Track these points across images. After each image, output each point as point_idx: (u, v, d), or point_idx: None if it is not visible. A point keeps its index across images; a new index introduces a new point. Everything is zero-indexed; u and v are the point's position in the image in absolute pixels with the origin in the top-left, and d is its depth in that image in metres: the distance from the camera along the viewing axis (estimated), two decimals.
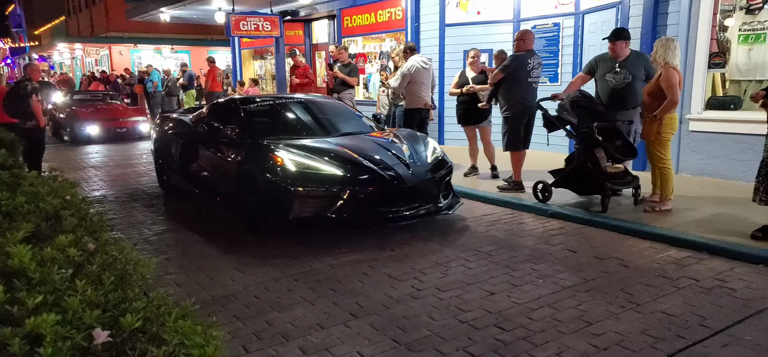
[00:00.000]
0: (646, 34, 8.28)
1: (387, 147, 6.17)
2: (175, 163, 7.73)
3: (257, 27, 15.68)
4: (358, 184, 5.57)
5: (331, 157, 5.71)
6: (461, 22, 11.65)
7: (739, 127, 7.56)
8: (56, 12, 49.10)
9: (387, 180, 5.65)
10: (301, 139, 6.27)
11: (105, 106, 16.52)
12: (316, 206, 5.50)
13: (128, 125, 15.65)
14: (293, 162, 5.54)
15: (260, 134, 6.36)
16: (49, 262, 1.81)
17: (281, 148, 5.74)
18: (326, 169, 5.56)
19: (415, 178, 5.83)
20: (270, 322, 3.86)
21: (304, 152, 5.74)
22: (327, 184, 5.50)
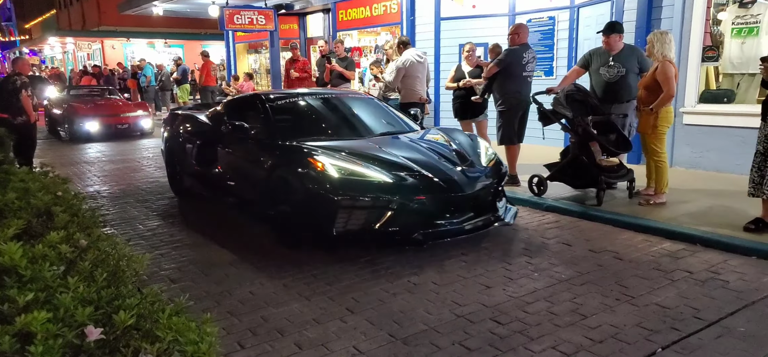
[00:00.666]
0: (641, 28, 8.29)
1: (436, 149, 5.60)
2: (190, 166, 7.05)
3: (251, 21, 15.61)
4: (409, 192, 4.92)
5: (378, 162, 5.09)
6: (456, 15, 11.63)
7: (732, 120, 7.59)
8: (47, 5, 48.79)
9: (443, 188, 5.01)
10: (337, 140, 5.73)
11: (104, 101, 15.73)
12: (363, 218, 4.85)
13: (129, 121, 14.82)
14: (336, 168, 4.89)
15: (292, 135, 5.76)
16: (40, 259, 1.79)
17: (321, 152, 5.10)
18: (373, 176, 4.90)
19: (473, 184, 5.21)
20: (265, 317, 3.85)
21: (347, 156, 5.12)
22: (375, 193, 4.84)
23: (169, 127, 7.85)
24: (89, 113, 14.27)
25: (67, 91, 16.56)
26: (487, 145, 6.02)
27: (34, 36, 49.64)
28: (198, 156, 6.88)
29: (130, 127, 14.75)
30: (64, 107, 14.67)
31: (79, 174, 9.61)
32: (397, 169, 5.04)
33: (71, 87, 18.19)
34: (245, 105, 6.79)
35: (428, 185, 4.99)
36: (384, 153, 5.33)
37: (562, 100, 6.55)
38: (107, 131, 14.24)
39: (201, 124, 7.08)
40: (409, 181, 4.97)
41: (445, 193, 5.01)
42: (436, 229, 4.96)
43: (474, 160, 5.55)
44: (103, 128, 14.18)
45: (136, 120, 14.86)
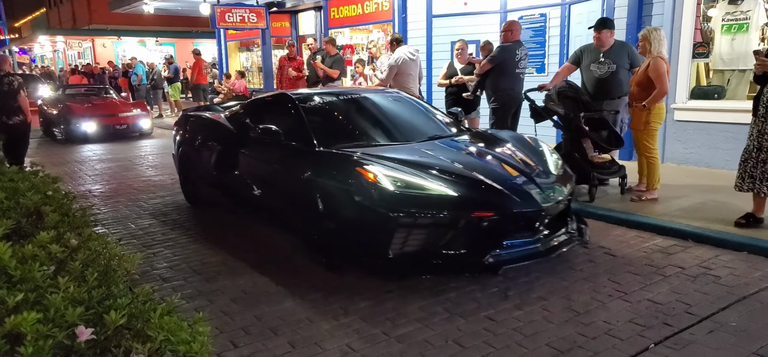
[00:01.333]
0: (632, 25, 8.31)
1: (498, 155, 4.95)
2: (208, 173, 6.39)
3: (243, 19, 15.55)
4: (477, 208, 4.19)
5: (436, 172, 4.40)
6: (448, 13, 11.63)
7: (722, 116, 7.63)
8: (37, 3, 48.45)
9: (515, 202, 4.28)
10: (381, 145, 5.09)
11: (101, 100, 15.08)
12: (424, 239, 4.16)
13: (128, 121, 14.22)
14: (391, 179, 4.20)
15: (330, 140, 5.04)
16: (30, 260, 1.77)
17: (372, 161, 4.43)
18: (435, 188, 4.20)
19: (548, 196, 4.47)
20: (258, 316, 3.83)
21: (400, 165, 4.44)
22: (437, 209, 4.14)
23: (181, 130, 7.15)
24: (86, 113, 13.70)
25: (62, 90, 15.95)
26: (551, 149, 5.41)
27: (24, 34, 49.27)
28: (217, 162, 6.23)
29: (129, 128, 14.22)
30: (59, 107, 14.13)
31: (77, 174, 9.55)
32: (460, 180, 4.34)
33: (66, 86, 17.45)
34: (272, 106, 6.15)
35: (498, 199, 4.26)
36: (440, 161, 4.64)
37: (554, 97, 6.56)
38: (105, 132, 13.73)
39: (220, 128, 6.38)
40: (476, 194, 4.28)
41: (518, 209, 4.27)
42: (509, 251, 4.23)
43: (543, 170, 4.86)
44: (101, 129, 13.66)
45: (135, 120, 14.32)
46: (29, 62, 40.91)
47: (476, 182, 4.35)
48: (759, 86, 5.11)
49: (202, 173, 6.57)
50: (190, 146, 6.83)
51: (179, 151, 7.15)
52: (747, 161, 5.15)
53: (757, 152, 5.07)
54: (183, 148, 7.04)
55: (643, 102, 6.00)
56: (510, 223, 4.30)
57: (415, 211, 4.10)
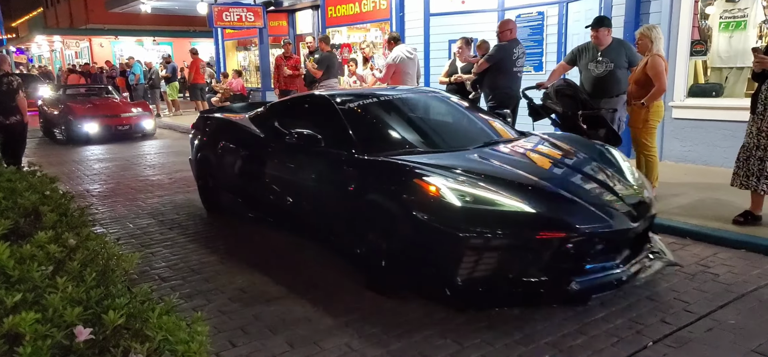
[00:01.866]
0: (629, 23, 8.32)
1: (574, 164, 4.46)
2: (232, 181, 5.98)
3: (240, 18, 15.55)
4: (560, 227, 3.61)
5: (506, 184, 3.84)
6: (446, 11, 11.63)
7: (720, 113, 7.64)
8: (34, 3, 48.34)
9: (602, 219, 3.72)
10: (434, 153, 4.50)
11: (103, 100, 14.67)
12: (498, 263, 3.61)
13: (131, 122, 13.85)
14: (457, 193, 3.67)
15: (377, 147, 4.52)
16: (28, 260, 1.77)
17: (431, 171, 3.91)
18: (509, 204, 3.64)
19: (636, 213, 3.91)
20: (257, 315, 3.83)
21: (464, 176, 3.92)
22: (513, 228, 3.60)
23: (200, 134, 6.67)
24: (87, 114, 13.34)
25: (62, 90, 15.50)
26: (624, 156, 4.88)
27: (21, 34, 49.15)
28: (243, 170, 5.80)
29: (132, 129, 13.86)
30: (60, 107, 13.77)
31: (75, 174, 9.54)
32: (536, 193, 3.81)
33: (67, 86, 16.96)
34: (305, 109, 5.65)
35: (583, 216, 3.70)
36: (507, 171, 4.12)
37: (552, 95, 6.56)
38: (107, 133, 13.37)
39: (245, 132, 5.87)
40: (557, 210, 3.72)
41: (606, 227, 3.70)
42: (596, 277, 3.67)
43: (620, 177, 4.35)
44: (103, 130, 13.29)
45: (138, 121, 13.95)
46: (26, 62, 40.82)
47: (555, 196, 3.82)
48: (757, 84, 5.12)
49: (224, 180, 6.12)
50: (211, 151, 6.33)
51: (198, 156, 6.64)
52: (745, 159, 5.16)
53: (755, 150, 5.07)
54: (202, 153, 6.54)
55: (641, 100, 6.01)
56: (597, 244, 3.70)
57: (486, 230, 3.56)
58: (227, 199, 6.21)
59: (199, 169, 6.67)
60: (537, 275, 3.60)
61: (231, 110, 7.27)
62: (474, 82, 7.79)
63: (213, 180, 6.37)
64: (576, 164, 4.46)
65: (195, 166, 6.80)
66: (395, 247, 3.90)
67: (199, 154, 6.63)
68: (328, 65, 10.56)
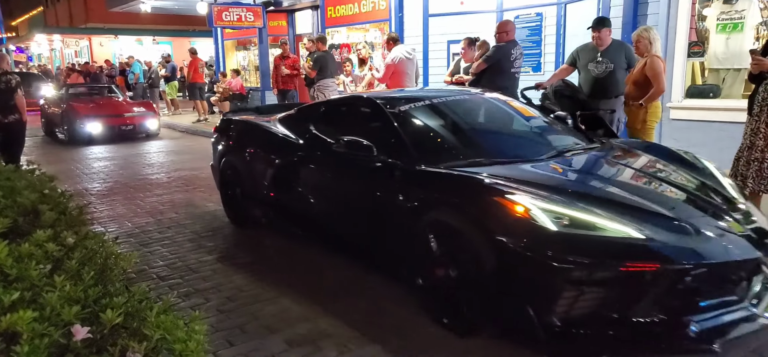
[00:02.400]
0: (627, 24, 8.33)
1: (673, 181, 3.80)
2: (264, 192, 5.36)
3: (240, 17, 15.55)
4: (676, 256, 2.95)
5: (603, 204, 3.25)
6: (445, 12, 11.64)
7: (718, 114, 7.66)
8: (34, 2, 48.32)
9: (727, 248, 3.09)
10: (506, 164, 3.89)
11: (105, 100, 14.45)
12: (602, 300, 2.98)
13: (134, 122, 13.57)
14: (550, 214, 3.08)
15: (437, 157, 3.99)
16: (26, 258, 1.78)
17: (513, 187, 3.32)
18: (614, 228, 3.03)
19: (757, 240, 3.22)
20: (255, 314, 3.84)
21: (557, 194, 3.32)
22: (619, 257, 2.95)
23: (224, 138, 6.12)
24: (90, 113, 13.04)
25: (65, 89, 15.08)
26: (717, 165, 4.29)
27: (21, 33, 49.12)
28: (279, 180, 5.24)
29: (135, 129, 13.56)
30: (62, 107, 13.48)
31: (78, 176, 9.55)
32: (642, 215, 3.17)
33: (69, 85, 16.55)
34: (348, 113, 5.12)
35: (702, 244, 3.06)
36: (598, 188, 3.60)
37: (551, 96, 6.57)
38: (110, 133, 13.07)
39: (279, 137, 5.31)
40: (670, 236, 3.04)
41: (728, 257, 3.05)
42: (718, 318, 2.94)
43: (725, 195, 3.70)
44: (106, 130, 13.00)
45: (141, 121, 13.66)
46: (26, 61, 40.82)
47: (665, 220, 3.17)
48: (754, 85, 5.13)
49: (255, 191, 5.49)
50: (238, 157, 5.78)
51: (222, 163, 6.04)
52: (736, 159, 5.19)
53: (749, 151, 5.09)
54: (228, 159, 5.94)
55: (640, 100, 6.02)
56: (719, 277, 3.06)
57: (588, 259, 2.93)
58: (258, 212, 5.60)
59: (224, 177, 6.04)
60: (650, 315, 2.91)
61: (253, 112, 6.86)
62: (472, 82, 7.79)
63: (241, 190, 5.73)
64: (673, 179, 3.82)
65: (219, 173, 6.18)
66: (469, 276, 3.31)
67: (223, 161, 6.01)
68: (322, 65, 10.54)
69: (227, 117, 6.50)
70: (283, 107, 6.66)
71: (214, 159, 6.30)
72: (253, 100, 17.57)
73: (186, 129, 15.14)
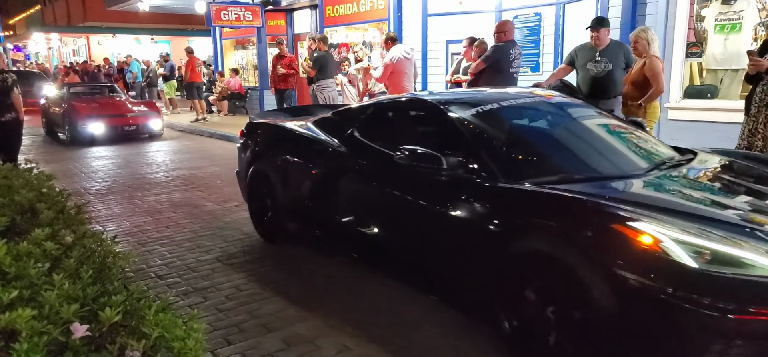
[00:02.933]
0: (626, 24, 8.35)
1: None
2: (301, 205, 4.76)
3: (238, 17, 15.56)
4: None
5: (737, 232, 2.70)
6: (443, 12, 11.65)
7: (715, 115, 7.68)
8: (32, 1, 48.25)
9: None
10: (600, 180, 3.39)
11: (108, 100, 14.14)
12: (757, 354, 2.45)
13: (138, 122, 13.23)
14: (689, 248, 2.55)
15: (523, 172, 3.48)
16: (25, 257, 1.78)
17: (640, 213, 2.74)
18: (764, 265, 2.50)
19: None
20: (252, 313, 3.85)
21: (689, 222, 2.72)
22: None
23: (252, 144, 5.50)
24: (92, 114, 12.71)
25: (66, 89, 14.57)
26: None
27: (19, 32, 49.04)
28: (319, 192, 4.60)
29: (139, 129, 13.21)
30: (63, 107, 13.14)
31: (77, 175, 9.53)
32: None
33: (71, 85, 16.24)
34: (401, 117, 4.51)
35: None
36: (727, 211, 2.96)
37: None
38: (112, 133, 12.74)
39: (318, 144, 4.68)
40: None
41: None
42: None
43: None
44: (108, 130, 12.66)
45: (145, 121, 13.33)
46: (24, 59, 40.78)
47: None
48: (751, 86, 5.15)
49: (291, 204, 4.89)
50: (269, 166, 5.14)
51: (250, 172, 5.37)
52: None
53: (747, 151, 5.11)
54: (257, 167, 5.29)
55: (638, 100, 6.02)
56: None
57: (739, 305, 2.39)
58: (297, 228, 4.96)
59: (253, 187, 5.38)
60: None
61: (281, 114, 6.43)
62: (469, 83, 7.80)
63: (273, 202, 5.10)
64: None
65: (246, 183, 5.48)
66: (576, 319, 2.77)
67: (252, 169, 5.34)
68: (323, 65, 10.54)
69: (255, 120, 5.81)
70: (316, 109, 6.36)
71: (241, 166, 5.66)
72: (252, 99, 17.58)
73: (184, 128, 15.13)
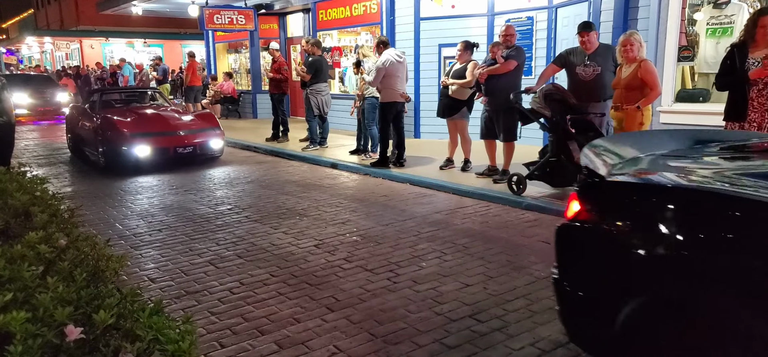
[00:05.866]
0: (618, 28, 8.39)
1: None
2: None
3: (231, 20, 15.57)
4: None
5: None
6: (436, 15, 11.69)
7: (707, 119, 7.70)
8: (24, 4, 48.08)
9: None
10: None
11: (153, 111, 10.77)
12: None
13: (195, 142, 9.82)
14: None
15: None
16: (18, 260, 1.78)
17: None
18: None
19: None
20: (245, 316, 3.85)
21: None
22: None
23: (647, 232, 2.43)
24: (138, 131, 9.49)
25: (97, 96, 11.23)
26: None
27: (12, 35, 48.87)
28: None
29: (197, 151, 9.89)
30: (95, 122, 9.91)
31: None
32: None
33: (101, 91, 12.99)
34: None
35: None
36: None
37: (541, 100, 6.62)
38: (163, 157, 9.54)
39: None
40: None
41: None
42: None
43: None
44: (157, 153, 9.46)
45: (204, 140, 9.98)
46: (16, 63, 40.61)
47: None
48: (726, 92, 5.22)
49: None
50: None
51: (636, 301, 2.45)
52: None
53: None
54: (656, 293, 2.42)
55: (635, 104, 6.05)
56: None
57: None
58: None
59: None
60: None
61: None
62: (486, 82, 7.73)
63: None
64: None
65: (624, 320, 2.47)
66: None
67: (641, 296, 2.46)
68: (317, 69, 10.55)
69: (631, 183, 2.73)
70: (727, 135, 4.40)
71: (583, 278, 2.77)
72: (245, 103, 17.55)
73: None
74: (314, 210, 6.68)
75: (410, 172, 8.47)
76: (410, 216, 6.32)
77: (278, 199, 7.32)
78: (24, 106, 17.56)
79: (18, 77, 21.37)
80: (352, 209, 6.71)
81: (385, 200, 7.14)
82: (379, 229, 5.84)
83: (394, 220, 6.16)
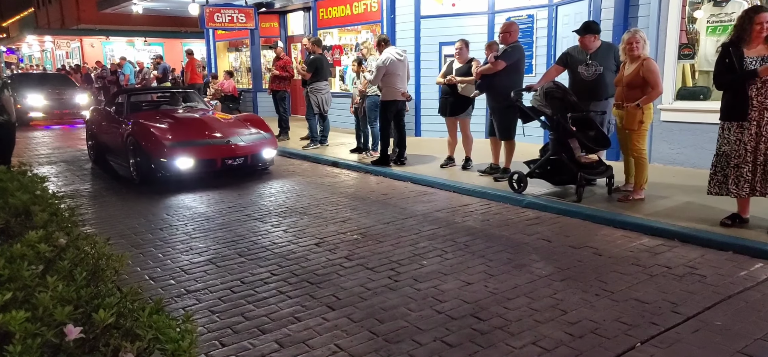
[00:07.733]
0: (618, 26, 8.38)
1: None
2: None
3: (232, 19, 15.56)
4: None
5: None
6: (436, 14, 11.69)
7: (708, 116, 7.69)
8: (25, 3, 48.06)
9: None
10: None
11: (193, 116, 9.24)
12: None
13: (246, 151, 8.38)
14: None
15: None
16: (18, 259, 1.78)
17: None
18: None
19: None
20: (245, 315, 3.84)
21: None
22: None
23: None
24: (178, 141, 8.05)
25: (125, 98, 9.66)
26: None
27: (12, 34, 48.85)
28: None
29: (247, 162, 8.45)
30: (126, 128, 8.54)
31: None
32: None
33: (130, 91, 11.20)
34: None
35: None
36: None
37: (541, 98, 6.61)
38: (208, 170, 8.25)
39: None
40: None
41: None
42: None
43: None
44: (202, 165, 8.10)
45: (256, 150, 8.55)
46: (17, 62, 40.61)
47: None
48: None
49: None
50: None
51: None
52: (739, 166, 5.18)
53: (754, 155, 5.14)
54: None
55: (635, 102, 6.03)
56: None
57: None
58: None
59: None
60: None
61: None
62: (478, 85, 7.74)
63: None
64: None
65: None
66: None
67: None
68: (318, 67, 10.54)
69: None
70: None
71: None
72: (245, 101, 17.55)
73: None
74: (315, 208, 6.67)
75: (411, 171, 8.46)
76: (411, 214, 6.31)
77: (279, 197, 7.32)
78: (39, 108, 16.06)
79: (32, 76, 20.20)
80: (352, 207, 6.71)
81: (386, 198, 7.14)
82: (379, 227, 5.84)
83: (395, 218, 6.16)
